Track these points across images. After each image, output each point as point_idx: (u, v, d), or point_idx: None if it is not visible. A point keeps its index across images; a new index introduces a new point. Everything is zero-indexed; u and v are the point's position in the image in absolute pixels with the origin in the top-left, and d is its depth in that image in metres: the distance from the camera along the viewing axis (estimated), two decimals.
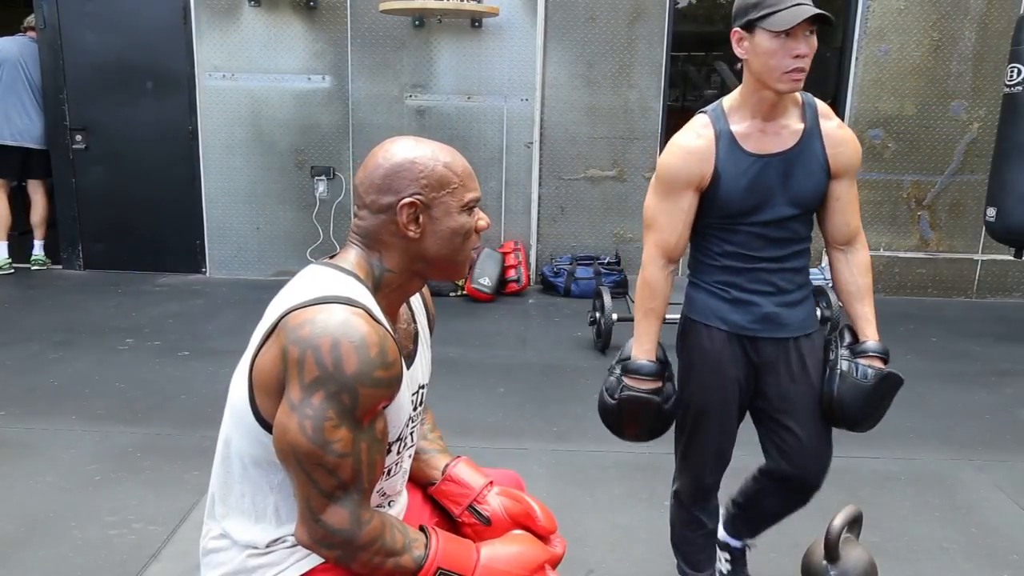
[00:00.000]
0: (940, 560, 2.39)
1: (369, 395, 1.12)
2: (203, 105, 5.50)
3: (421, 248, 1.24)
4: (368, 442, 1.15)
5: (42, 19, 5.45)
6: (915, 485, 2.86)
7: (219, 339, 4.31)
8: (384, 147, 1.25)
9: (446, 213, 1.24)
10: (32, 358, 3.93)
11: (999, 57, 5.05)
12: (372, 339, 1.12)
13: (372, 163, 1.24)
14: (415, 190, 1.21)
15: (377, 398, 1.14)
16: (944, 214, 5.58)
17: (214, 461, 1.29)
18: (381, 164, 1.22)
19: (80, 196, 5.67)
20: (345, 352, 1.10)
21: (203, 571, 1.30)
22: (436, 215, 1.23)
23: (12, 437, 3.05)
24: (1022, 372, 4.12)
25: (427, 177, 1.21)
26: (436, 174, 1.22)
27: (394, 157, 1.22)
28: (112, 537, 2.38)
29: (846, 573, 2.12)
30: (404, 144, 1.25)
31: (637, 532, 2.49)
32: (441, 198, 1.23)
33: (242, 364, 1.22)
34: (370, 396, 1.12)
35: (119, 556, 2.28)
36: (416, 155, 1.22)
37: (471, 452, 1.63)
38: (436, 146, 1.26)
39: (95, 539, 2.37)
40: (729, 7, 1.76)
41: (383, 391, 1.15)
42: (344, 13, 5.37)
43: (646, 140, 5.49)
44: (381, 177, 1.22)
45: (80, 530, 2.42)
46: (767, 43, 1.68)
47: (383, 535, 1.18)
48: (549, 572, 1.32)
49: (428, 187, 1.22)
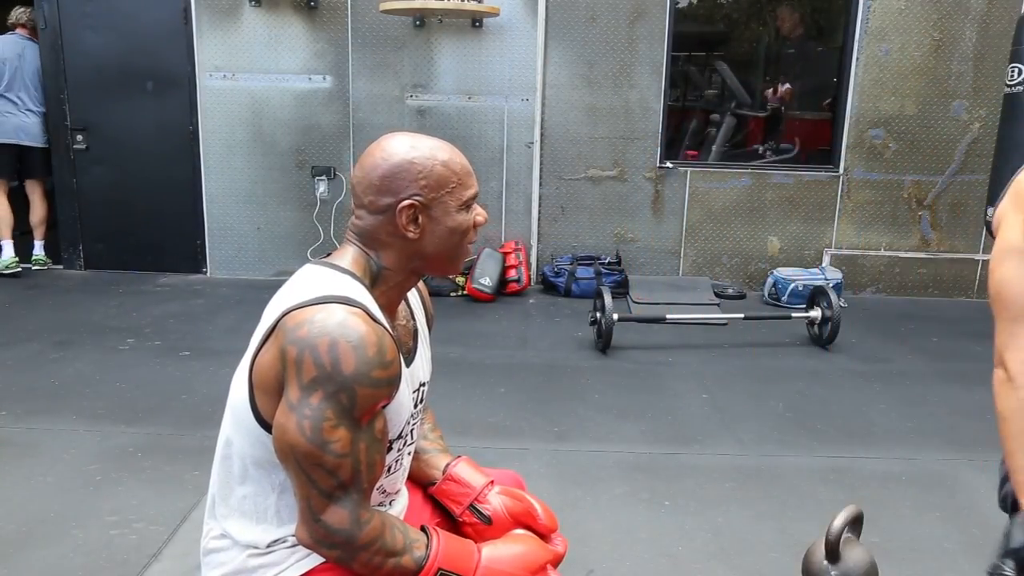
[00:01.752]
0: (941, 560, 2.39)
1: (367, 395, 1.12)
2: (204, 105, 5.50)
3: (420, 247, 1.24)
4: (367, 442, 1.15)
5: (43, 19, 5.44)
6: (916, 485, 2.86)
7: (220, 339, 4.31)
8: (381, 145, 1.24)
9: (445, 212, 1.23)
10: (33, 358, 3.93)
11: (1000, 57, 5.04)
12: (370, 339, 1.11)
13: (369, 162, 1.23)
14: (414, 191, 1.20)
15: (376, 398, 1.14)
16: (945, 214, 5.58)
17: (214, 461, 1.29)
18: (379, 164, 1.21)
19: (81, 196, 5.67)
20: (343, 352, 1.09)
21: (204, 571, 1.30)
22: (435, 215, 1.23)
23: (13, 437, 3.05)
24: None
25: (426, 178, 1.21)
26: (435, 174, 1.21)
27: (392, 157, 1.21)
28: (113, 537, 2.38)
29: (847, 573, 2.12)
30: (402, 142, 1.23)
31: (638, 532, 2.49)
32: (440, 198, 1.22)
33: (242, 365, 1.22)
34: (368, 396, 1.12)
35: (120, 556, 2.28)
36: (414, 155, 1.21)
37: (472, 452, 1.63)
38: (433, 143, 1.25)
39: (96, 539, 2.37)
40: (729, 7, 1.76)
41: (382, 390, 1.14)
42: (345, 13, 5.37)
43: (647, 140, 5.48)
44: (379, 177, 1.21)
45: (81, 530, 2.42)
46: None
47: (383, 535, 1.17)
48: (551, 571, 1.32)
49: (427, 187, 1.21)
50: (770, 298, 5.44)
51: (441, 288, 5.35)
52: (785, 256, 5.65)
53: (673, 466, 2.95)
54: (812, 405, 3.59)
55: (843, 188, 5.57)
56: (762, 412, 3.49)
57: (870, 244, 5.63)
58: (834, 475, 2.93)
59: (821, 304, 4.43)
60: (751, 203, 5.60)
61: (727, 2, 6.54)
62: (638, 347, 4.35)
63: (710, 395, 3.68)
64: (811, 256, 5.65)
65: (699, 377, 3.91)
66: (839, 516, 2.12)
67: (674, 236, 5.64)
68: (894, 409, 3.58)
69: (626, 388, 3.74)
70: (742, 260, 5.68)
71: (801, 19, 6.02)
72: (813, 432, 3.30)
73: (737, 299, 5.51)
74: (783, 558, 2.35)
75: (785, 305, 5.24)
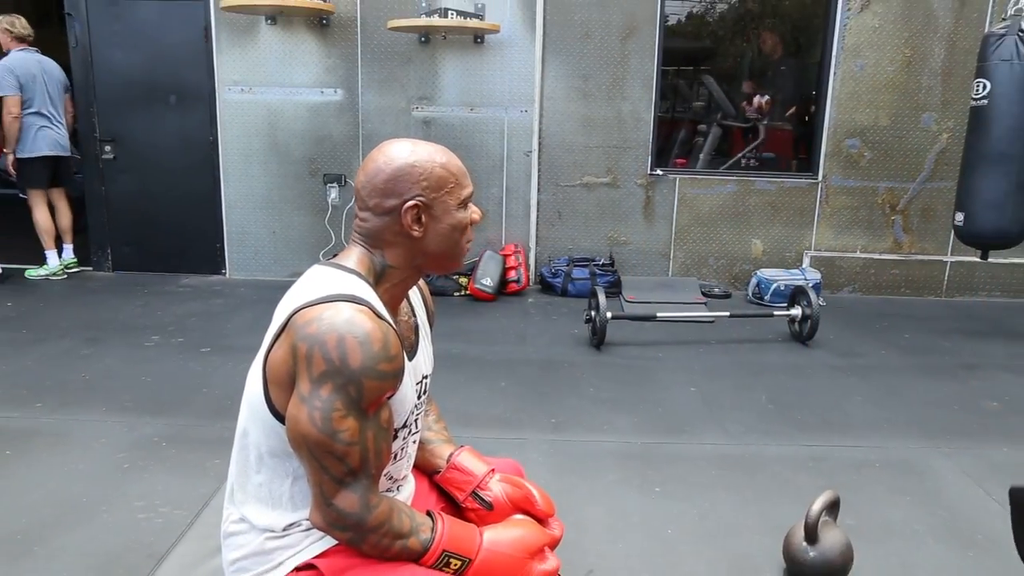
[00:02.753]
0: (911, 541, 2.39)
1: (374, 387, 1.12)
2: (223, 117, 5.50)
3: (424, 245, 1.24)
4: (374, 431, 1.16)
5: (74, 38, 5.44)
6: (889, 471, 2.86)
7: (238, 336, 4.31)
8: (383, 151, 1.24)
9: (445, 211, 1.24)
10: (65, 354, 3.94)
11: (966, 72, 5.04)
12: (376, 334, 1.12)
13: (372, 167, 1.23)
14: (417, 192, 1.21)
15: (381, 389, 1.14)
16: (916, 218, 5.58)
17: (233, 451, 1.29)
18: (383, 168, 1.22)
19: (109, 203, 5.68)
20: (350, 347, 1.10)
21: (224, 552, 1.30)
22: (436, 214, 1.23)
23: (47, 427, 3.06)
24: (988, 366, 4.12)
25: (427, 179, 1.22)
26: (435, 176, 1.22)
27: (394, 162, 1.22)
28: (140, 520, 2.39)
29: (824, 553, 2.12)
30: (402, 148, 1.24)
31: (630, 516, 2.49)
32: (440, 197, 1.23)
33: (257, 360, 1.22)
34: (375, 388, 1.13)
35: (147, 538, 2.29)
36: (415, 159, 1.22)
37: (474, 442, 1.64)
38: (431, 148, 1.25)
39: (125, 522, 2.37)
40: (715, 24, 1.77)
41: (387, 382, 1.15)
42: (355, 30, 5.37)
43: (638, 149, 5.48)
44: (383, 181, 1.21)
45: (111, 514, 2.42)
46: None
47: (391, 519, 1.18)
48: (548, 553, 1.32)
49: (428, 188, 1.22)
50: (754, 297, 5.44)
51: (445, 288, 5.35)
52: (768, 258, 5.65)
53: (663, 454, 2.95)
54: (793, 397, 3.59)
55: (822, 194, 5.57)
56: (746, 404, 3.49)
57: (847, 247, 5.63)
58: (813, 463, 2.93)
59: (801, 303, 4.43)
60: (736, 208, 5.60)
61: (713, 20, 6.54)
62: (630, 343, 4.35)
63: (698, 388, 3.68)
64: (792, 258, 5.65)
65: (687, 371, 3.91)
66: (818, 501, 2.13)
67: (664, 239, 5.64)
68: (869, 401, 3.58)
69: (619, 382, 3.74)
70: (727, 261, 5.68)
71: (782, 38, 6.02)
72: (794, 422, 3.30)
73: (723, 298, 5.50)
74: (766, 540, 2.35)
75: (768, 304, 5.24)
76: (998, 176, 4.15)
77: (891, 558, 2.30)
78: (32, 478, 2.64)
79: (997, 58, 4.06)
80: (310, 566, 1.22)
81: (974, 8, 5.26)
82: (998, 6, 5.12)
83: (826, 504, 2.15)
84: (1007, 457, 3.01)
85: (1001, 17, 4.24)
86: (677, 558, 2.27)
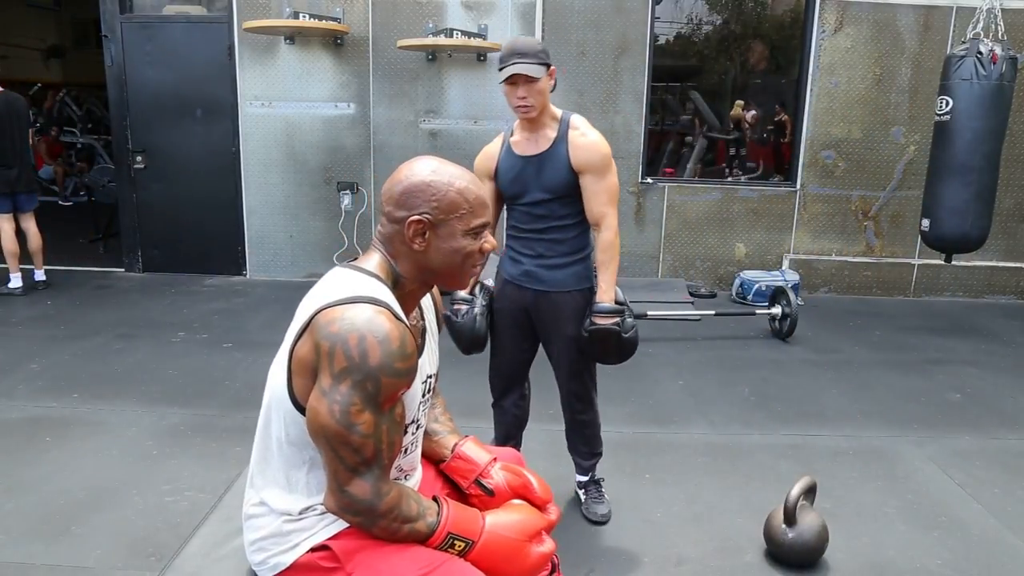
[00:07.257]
0: (881, 522, 2.39)
1: (390, 383, 1.12)
2: (245, 129, 5.50)
3: (426, 260, 1.23)
4: (388, 424, 1.15)
5: (110, 58, 5.45)
6: (861, 459, 2.86)
7: (258, 332, 4.30)
8: (410, 165, 1.23)
9: (451, 235, 1.22)
10: (99, 349, 3.93)
11: (931, 90, 5.03)
12: (394, 334, 1.11)
13: (397, 177, 1.22)
14: (425, 210, 1.20)
15: (397, 386, 1.14)
16: (886, 224, 5.57)
17: (254, 439, 1.29)
18: (403, 180, 1.21)
19: (139, 209, 5.67)
20: (370, 346, 1.09)
21: (245, 533, 1.30)
22: (441, 234, 1.21)
23: (82, 417, 3.05)
24: (951, 360, 4.11)
25: (439, 200, 1.20)
26: (447, 199, 1.20)
27: (414, 176, 1.21)
28: (168, 503, 2.39)
29: (802, 534, 2.12)
30: (427, 165, 1.22)
31: (622, 501, 2.49)
32: (449, 221, 1.21)
33: (280, 355, 1.21)
34: (391, 384, 1.12)
35: (174, 519, 2.29)
36: (433, 179, 1.20)
37: (477, 432, 1.63)
38: (455, 171, 1.23)
39: (153, 505, 2.38)
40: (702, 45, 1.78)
41: (402, 380, 1.14)
42: (367, 49, 5.36)
43: (630, 159, 5.47)
44: (400, 193, 1.21)
45: (141, 497, 2.42)
46: (505, 88, 2.14)
47: (400, 504, 1.17)
48: (545, 537, 1.32)
49: (438, 209, 1.20)
50: (737, 297, 5.43)
51: None
52: (750, 260, 5.64)
53: (652, 443, 2.95)
54: (773, 390, 3.59)
55: (800, 201, 5.56)
56: (730, 396, 3.49)
57: (823, 250, 5.62)
58: (791, 451, 2.93)
59: (781, 302, 4.43)
60: (721, 214, 5.59)
61: (699, 40, 6.53)
62: None
63: (685, 382, 3.68)
64: (773, 260, 5.64)
65: (675, 366, 3.91)
66: (796, 486, 2.13)
67: (654, 243, 5.63)
68: (843, 393, 3.58)
69: (611, 375, 3.72)
70: (713, 264, 5.67)
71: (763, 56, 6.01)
72: (774, 413, 3.30)
73: (708, 298, 5.50)
74: (748, 523, 2.35)
75: (750, 303, 5.24)
76: (960, 185, 4.16)
77: (863, 538, 2.30)
78: (69, 463, 2.64)
79: (958, 77, 4.07)
80: (324, 547, 1.22)
81: (937, 31, 5.26)
82: (958, 30, 5.12)
83: (804, 489, 2.14)
84: (969, 444, 3.01)
85: (961, 40, 4.24)
86: (666, 539, 2.27)
